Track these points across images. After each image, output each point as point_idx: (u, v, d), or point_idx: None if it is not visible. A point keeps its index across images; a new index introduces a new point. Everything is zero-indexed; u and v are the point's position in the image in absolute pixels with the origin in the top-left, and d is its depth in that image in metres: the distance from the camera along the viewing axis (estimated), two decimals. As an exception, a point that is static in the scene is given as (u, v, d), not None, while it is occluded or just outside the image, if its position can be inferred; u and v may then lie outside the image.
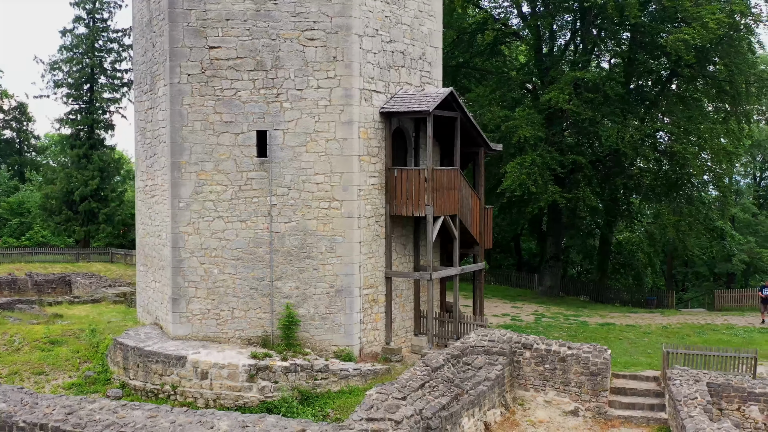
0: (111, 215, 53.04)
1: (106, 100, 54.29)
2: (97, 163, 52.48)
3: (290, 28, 20.95)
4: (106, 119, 54.99)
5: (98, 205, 52.70)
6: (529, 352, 21.46)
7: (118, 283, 40.83)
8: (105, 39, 54.11)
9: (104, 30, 54.07)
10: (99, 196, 53.21)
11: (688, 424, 17.11)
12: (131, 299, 33.57)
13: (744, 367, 22.04)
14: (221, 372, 19.83)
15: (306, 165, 21.12)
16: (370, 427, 16.08)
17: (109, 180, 53.92)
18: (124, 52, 54.15)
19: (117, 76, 54.48)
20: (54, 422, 17.56)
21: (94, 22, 54.11)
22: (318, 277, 21.32)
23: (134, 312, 31.58)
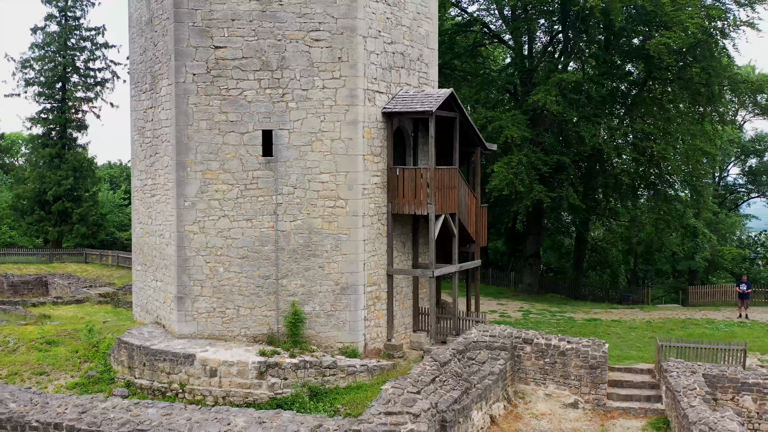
0: (85, 215, 52.46)
1: (79, 99, 53.60)
2: (71, 162, 51.86)
3: (296, 28, 21.18)
4: (79, 119, 54.29)
5: (72, 205, 52.08)
6: (530, 346, 21.99)
7: (98, 284, 40.48)
8: (78, 37, 53.44)
9: (77, 28, 53.41)
10: (72, 196, 52.56)
11: (690, 413, 17.73)
12: (117, 299, 33.41)
13: (734, 359, 22.90)
14: (230, 369, 19.98)
15: (311, 164, 21.37)
16: (389, 420, 16.42)
17: (82, 180, 53.26)
18: (97, 50, 53.60)
19: (90, 75, 53.85)
20: (68, 421, 17.57)
21: (66, 20, 53.42)
22: (323, 275, 21.58)
23: (123, 312, 31.45)
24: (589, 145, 33.40)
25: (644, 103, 35.90)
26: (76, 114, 53.96)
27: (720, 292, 39.79)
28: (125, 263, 47.20)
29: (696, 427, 16.98)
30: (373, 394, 20.13)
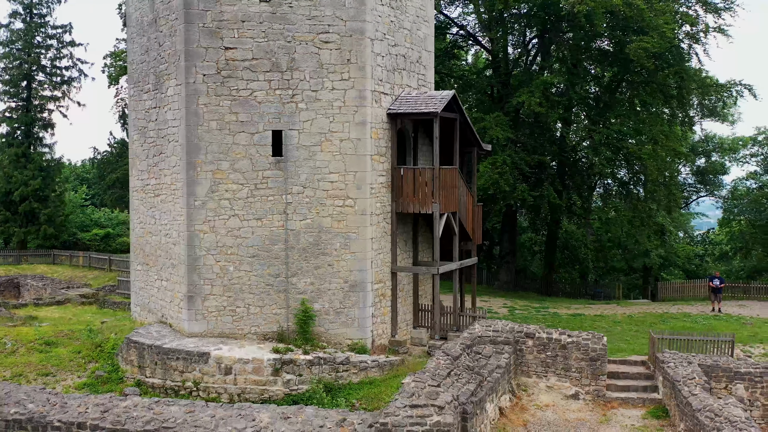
0: (52, 216, 51.64)
1: (46, 98, 52.69)
2: (38, 162, 51.00)
3: (305, 30, 21.50)
4: (45, 118, 53.35)
5: (39, 206, 51.20)
6: (532, 340, 22.70)
7: (74, 285, 40.01)
8: (44, 35, 52.52)
9: (42, 26, 52.50)
10: (38, 196, 51.66)
11: (693, 401, 18.59)
12: (103, 300, 33.14)
13: (722, 349, 24.02)
14: (246, 367, 20.21)
15: (321, 164, 21.72)
16: (414, 413, 16.89)
17: (49, 180, 52.37)
18: (64, 48, 52.75)
19: (57, 73, 52.96)
20: (92, 420, 17.63)
21: (32, 18, 52.47)
22: (332, 273, 21.95)
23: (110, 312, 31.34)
24: (570, 145, 34.42)
25: (617, 104, 37.11)
26: (42, 113, 53.02)
27: (689, 288, 41.31)
28: (98, 264, 46.69)
29: (701, 414, 17.80)
30: (386, 389, 20.62)
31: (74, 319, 29.55)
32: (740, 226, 60.51)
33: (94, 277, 43.87)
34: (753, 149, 62.84)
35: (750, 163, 63.54)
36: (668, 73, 34.52)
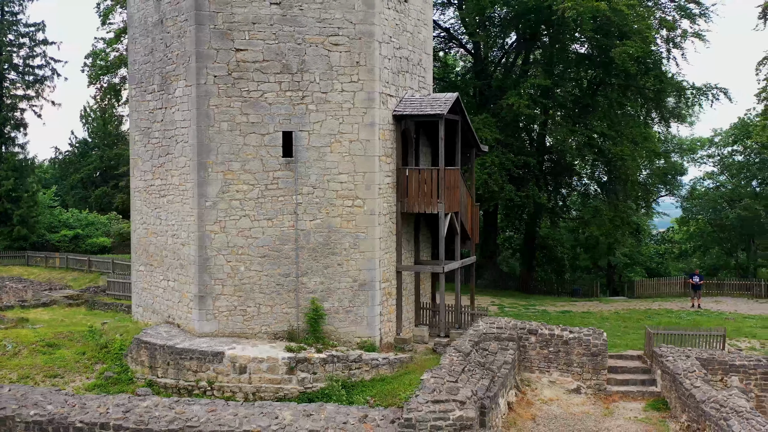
0: (25, 217, 50.83)
1: (18, 97, 51.85)
2: (11, 162, 50.16)
3: (315, 33, 21.76)
4: (17, 117, 52.49)
5: (12, 207, 50.33)
6: (534, 337, 23.31)
7: (55, 287, 39.53)
8: (16, 33, 51.68)
9: (15, 23, 51.67)
10: (11, 196, 50.80)
11: (697, 393, 19.34)
12: (93, 302, 32.84)
13: (713, 343, 24.95)
14: (260, 366, 20.40)
15: (330, 165, 22.01)
16: (437, 408, 17.33)
17: (22, 180, 51.53)
18: (37, 47, 51.95)
19: (29, 72, 52.15)
20: (115, 421, 17.70)
21: (3, 15, 51.58)
22: (342, 272, 22.26)
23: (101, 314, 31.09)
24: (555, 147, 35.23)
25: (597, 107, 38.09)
26: (14, 112, 52.15)
27: (664, 285, 42.52)
28: (76, 265, 46.12)
29: (706, 405, 18.53)
30: (399, 386, 21.00)
31: (66, 320, 29.27)
32: (698, 225, 62.53)
33: (73, 279, 43.35)
34: (710, 150, 64.97)
35: (707, 163, 65.69)
36: (649, 77, 35.54)
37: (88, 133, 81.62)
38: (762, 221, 54.98)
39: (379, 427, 17.50)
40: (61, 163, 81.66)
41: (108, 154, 78.25)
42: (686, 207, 61.45)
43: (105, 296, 33.87)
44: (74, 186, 79.25)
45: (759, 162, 57.76)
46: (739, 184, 58.63)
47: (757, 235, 57.30)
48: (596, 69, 37.59)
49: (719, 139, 63.64)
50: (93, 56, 43.02)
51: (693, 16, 37.50)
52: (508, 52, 41.05)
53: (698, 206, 59.83)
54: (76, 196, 79.39)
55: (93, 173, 79.66)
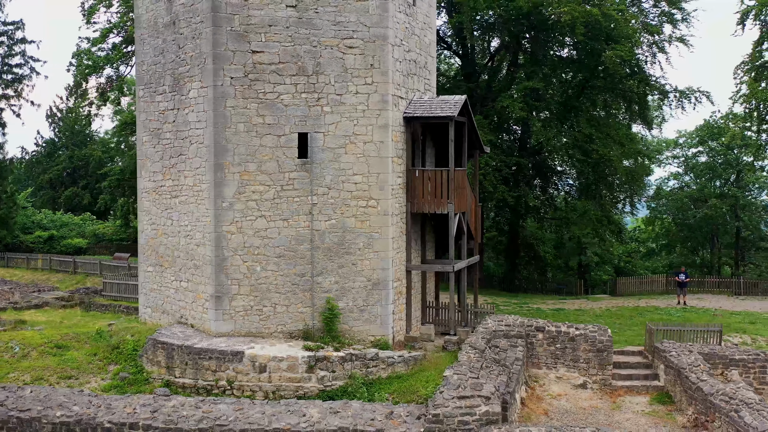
0: (5, 218, 50.10)
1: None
2: (-10, 162, 49.51)
3: (331, 36, 22.04)
4: (-5, 116, 51.81)
5: (-10, 208, 49.68)
6: (542, 334, 23.89)
7: (43, 288, 39.10)
8: (-7, 32, 50.96)
9: (-8, 23, 50.92)
10: (-11, 197, 50.17)
11: (704, 386, 20.07)
12: (89, 303, 32.61)
13: (710, 339, 25.81)
14: (280, 365, 20.63)
15: (345, 166, 22.31)
16: (463, 404, 17.77)
17: (1, 180, 50.78)
18: (15, 45, 51.21)
19: (8, 71, 51.36)
20: (144, 421, 17.81)
21: (-21, 15, 50.80)
22: (356, 272, 22.56)
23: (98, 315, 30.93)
24: (547, 147, 35.98)
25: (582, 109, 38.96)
26: (-9, 111, 51.44)
27: (646, 283, 43.66)
28: (61, 267, 45.66)
29: (715, 398, 19.25)
30: (415, 383, 21.40)
31: (65, 322, 29.01)
32: (663, 225, 64.23)
33: (59, 281, 42.91)
34: (675, 151, 66.73)
35: (672, 164, 67.46)
36: (635, 80, 36.48)
37: (54, 132, 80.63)
38: (727, 220, 56.72)
39: (406, 423, 17.86)
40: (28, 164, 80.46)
41: (78, 154, 77.41)
42: (652, 207, 63.07)
43: (101, 297, 33.61)
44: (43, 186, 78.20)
45: (723, 163, 59.57)
46: (704, 185, 60.43)
47: (721, 234, 59.10)
48: (583, 72, 38.43)
49: (683, 141, 65.48)
50: (78, 56, 42.61)
51: (675, 21, 38.56)
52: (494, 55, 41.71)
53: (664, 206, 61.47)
54: (45, 196, 78.32)
55: (62, 173, 78.74)
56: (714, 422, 19.21)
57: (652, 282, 43.40)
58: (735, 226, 57.59)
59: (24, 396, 18.99)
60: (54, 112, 79.40)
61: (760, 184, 62.10)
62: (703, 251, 62.73)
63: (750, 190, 62.40)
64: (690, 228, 58.96)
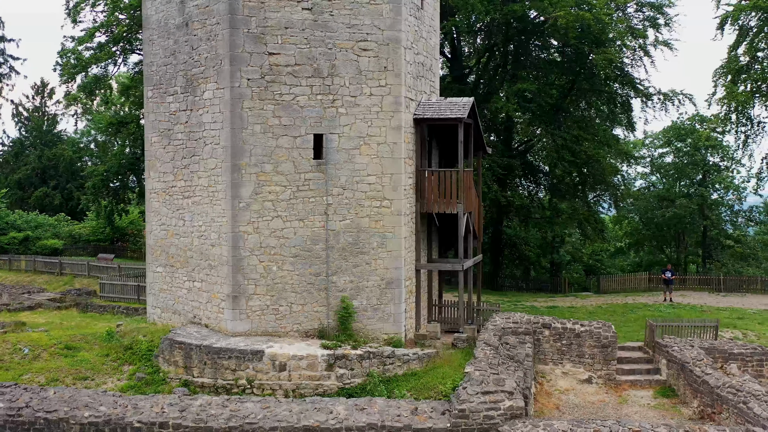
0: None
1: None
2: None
3: (345, 38, 22.35)
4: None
5: (-31, 209, 48.82)
6: (548, 330, 24.50)
7: (33, 290, 38.67)
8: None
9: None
10: (-33, 198, 49.31)
11: (710, 379, 20.82)
12: (86, 304, 32.42)
13: (706, 334, 26.69)
14: (300, 363, 20.87)
15: (359, 167, 22.64)
16: (488, 399, 18.28)
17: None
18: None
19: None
20: (173, 420, 17.98)
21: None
22: (370, 271, 22.91)
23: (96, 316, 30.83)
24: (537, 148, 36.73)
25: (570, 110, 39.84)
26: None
27: (629, 280, 44.68)
28: (46, 268, 45.16)
29: (723, 390, 20.00)
30: (431, 379, 21.81)
31: (65, 323, 28.85)
32: (633, 224, 65.73)
33: (45, 282, 42.43)
34: (642, 152, 68.30)
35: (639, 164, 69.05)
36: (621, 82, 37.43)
37: (20, 132, 79.43)
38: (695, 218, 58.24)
39: (431, 419, 18.27)
40: (-3, 164, 79.18)
41: (47, 154, 76.37)
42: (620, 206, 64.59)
43: (100, 299, 33.41)
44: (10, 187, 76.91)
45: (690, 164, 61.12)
46: (671, 185, 62.03)
47: (688, 233, 60.63)
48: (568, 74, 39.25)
49: (649, 142, 67.15)
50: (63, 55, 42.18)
51: (658, 26, 39.59)
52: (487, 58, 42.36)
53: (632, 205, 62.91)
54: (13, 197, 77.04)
55: (32, 174, 77.61)
56: (721, 414, 19.94)
57: (635, 280, 44.44)
58: (702, 225, 59.13)
59: (48, 397, 18.97)
60: (20, 111, 78.26)
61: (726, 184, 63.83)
62: (668, 250, 64.23)
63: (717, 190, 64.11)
64: (658, 227, 60.32)
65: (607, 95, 39.28)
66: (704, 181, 61.53)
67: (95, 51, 41.08)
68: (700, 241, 61.62)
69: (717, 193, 63.77)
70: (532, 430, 17.19)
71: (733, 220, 66.49)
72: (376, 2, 22.47)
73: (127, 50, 41.90)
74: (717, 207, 61.97)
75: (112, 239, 62.44)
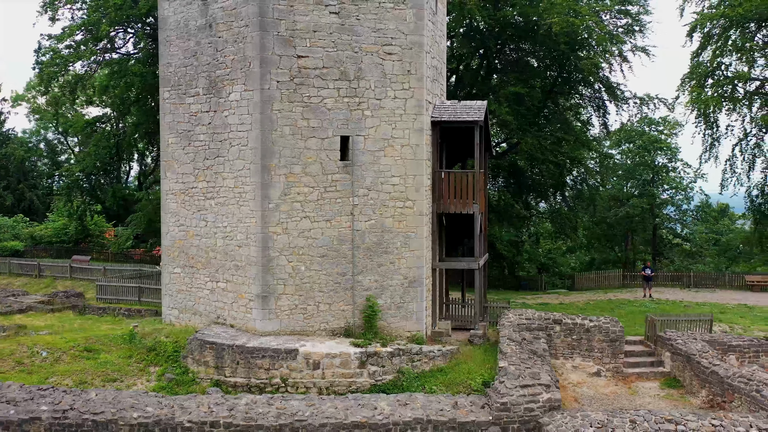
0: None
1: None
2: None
3: (371, 42, 22.82)
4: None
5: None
6: (559, 326, 25.43)
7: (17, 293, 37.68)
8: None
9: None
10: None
11: (719, 370, 21.99)
12: (84, 306, 31.96)
13: (701, 327, 28.06)
14: (333, 361, 21.27)
15: (384, 168, 23.14)
16: (526, 392, 19.04)
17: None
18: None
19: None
20: (224, 419, 18.23)
21: None
22: (394, 270, 23.44)
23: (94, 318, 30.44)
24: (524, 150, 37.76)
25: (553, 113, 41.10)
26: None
27: (603, 278, 46.25)
28: (23, 270, 44.16)
29: (733, 380, 21.17)
30: (457, 375, 22.46)
31: (66, 326, 28.45)
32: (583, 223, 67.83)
33: (23, 284, 41.50)
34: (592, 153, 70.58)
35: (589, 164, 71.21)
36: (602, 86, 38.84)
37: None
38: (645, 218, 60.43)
39: (473, 413, 18.94)
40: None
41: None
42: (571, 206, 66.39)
43: (97, 300, 32.96)
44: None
45: (641, 165, 63.35)
46: (620, 186, 64.27)
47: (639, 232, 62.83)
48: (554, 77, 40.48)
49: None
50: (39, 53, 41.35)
51: (633, 32, 41.11)
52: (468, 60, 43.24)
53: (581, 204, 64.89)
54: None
55: (-18, 174, 75.54)
56: (732, 402, 21.09)
57: (609, 277, 46.02)
58: (652, 224, 61.37)
59: (91, 399, 18.94)
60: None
61: (675, 185, 66.26)
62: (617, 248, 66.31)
63: (667, 190, 66.51)
64: (609, 226, 62.23)
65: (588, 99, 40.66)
66: (654, 182, 63.83)
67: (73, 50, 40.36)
68: (649, 240, 63.87)
69: (667, 193, 66.27)
70: (572, 421, 17.99)
71: (682, 220, 69.20)
72: (400, 7, 22.99)
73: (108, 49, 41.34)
74: (666, 206, 64.47)
75: (77, 240, 61.22)
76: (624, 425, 17.56)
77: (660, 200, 63.27)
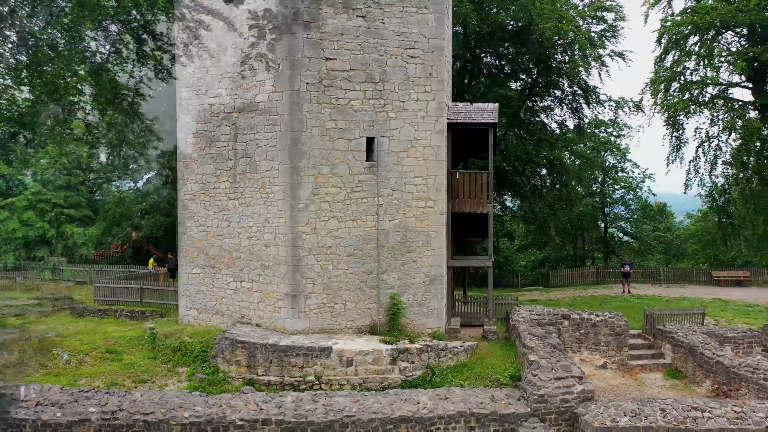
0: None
1: None
2: None
3: (395, 45, 23.33)
4: None
5: None
6: (568, 321, 26.42)
7: (12, 297, 36.78)
8: None
9: None
10: None
11: (724, 360, 23.25)
12: (83, 309, 31.39)
13: (695, 320, 29.43)
14: (366, 358, 21.72)
15: (407, 168, 23.68)
16: (561, 384, 19.88)
17: None
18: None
19: None
20: (275, 416, 18.57)
21: None
22: (416, 269, 23.99)
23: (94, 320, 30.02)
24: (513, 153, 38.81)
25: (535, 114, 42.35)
26: None
27: (576, 275, 47.71)
28: None
29: (740, 369, 22.43)
30: (481, 369, 23.15)
31: (70, 328, 28.09)
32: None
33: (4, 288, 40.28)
34: None
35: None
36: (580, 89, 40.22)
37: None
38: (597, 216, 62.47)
39: (511, 405, 19.69)
40: None
41: None
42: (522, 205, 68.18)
43: (95, 302, 32.42)
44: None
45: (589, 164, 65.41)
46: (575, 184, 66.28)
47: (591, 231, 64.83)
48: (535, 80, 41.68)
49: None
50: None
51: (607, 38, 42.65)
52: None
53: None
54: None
55: None
56: (739, 390, 22.33)
57: (582, 274, 47.52)
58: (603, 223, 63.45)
59: (137, 400, 19.00)
60: None
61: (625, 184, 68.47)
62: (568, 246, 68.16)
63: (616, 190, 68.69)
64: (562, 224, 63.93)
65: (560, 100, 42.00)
66: (605, 182, 65.91)
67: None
68: (600, 238, 65.93)
69: (618, 193, 68.49)
70: (605, 411, 18.90)
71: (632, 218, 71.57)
72: (422, 12, 23.57)
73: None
74: (616, 205, 66.71)
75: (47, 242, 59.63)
76: (655, 413, 18.52)
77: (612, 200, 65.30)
